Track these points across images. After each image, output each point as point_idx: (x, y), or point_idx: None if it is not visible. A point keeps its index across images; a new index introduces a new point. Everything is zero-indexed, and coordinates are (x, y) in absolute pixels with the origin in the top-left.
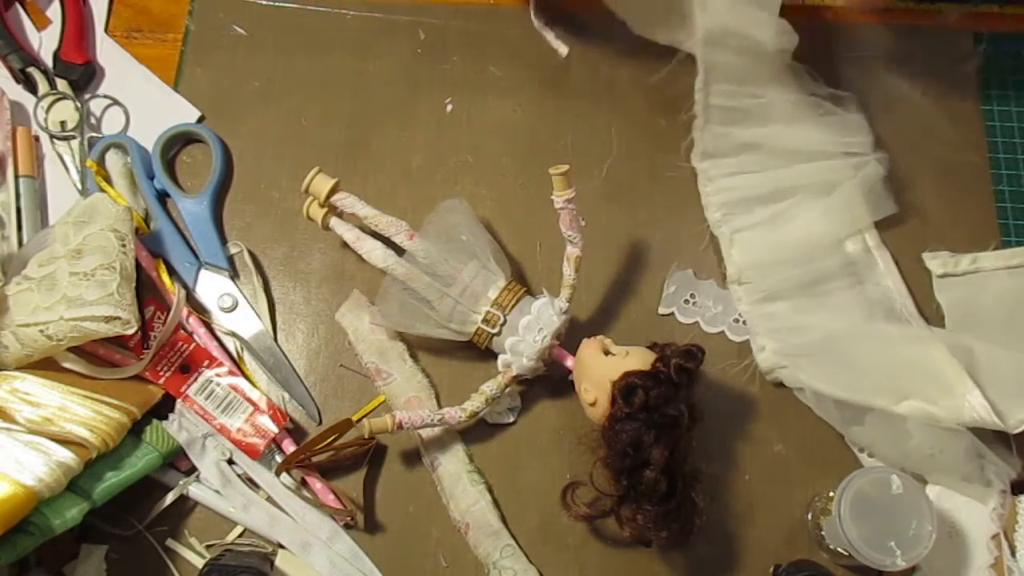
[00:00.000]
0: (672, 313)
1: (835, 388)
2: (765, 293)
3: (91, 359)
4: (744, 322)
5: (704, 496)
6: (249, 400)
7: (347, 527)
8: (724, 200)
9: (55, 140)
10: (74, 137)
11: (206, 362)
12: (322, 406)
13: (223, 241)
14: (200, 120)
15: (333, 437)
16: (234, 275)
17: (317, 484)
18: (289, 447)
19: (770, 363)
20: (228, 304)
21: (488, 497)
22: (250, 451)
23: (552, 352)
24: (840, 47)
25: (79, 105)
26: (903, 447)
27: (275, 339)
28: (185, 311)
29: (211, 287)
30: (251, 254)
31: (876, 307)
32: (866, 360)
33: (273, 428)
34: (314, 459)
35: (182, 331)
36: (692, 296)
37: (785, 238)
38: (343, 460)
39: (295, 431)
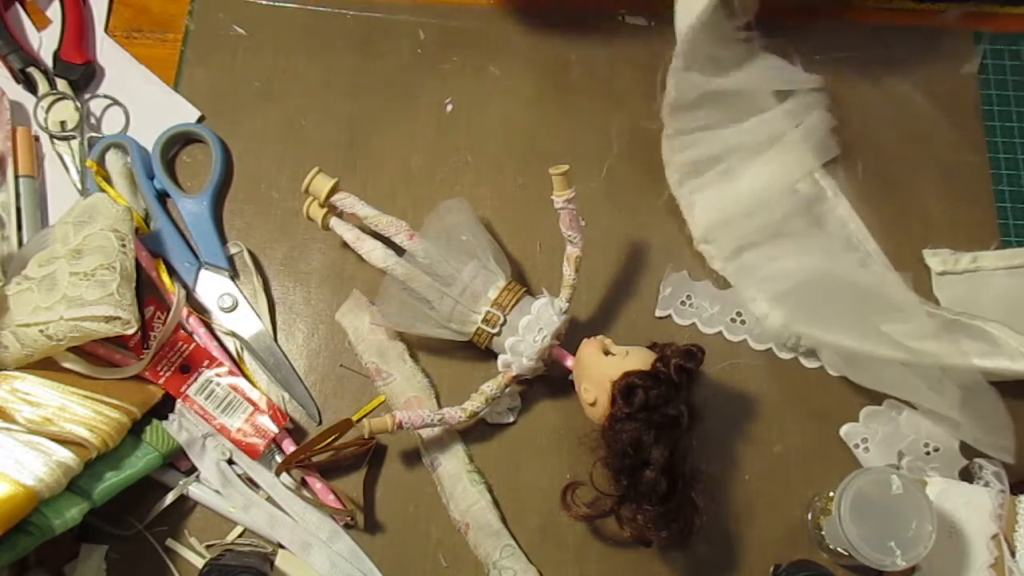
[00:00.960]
0: (669, 315)
1: (834, 334)
2: (733, 246)
3: (91, 359)
4: (743, 320)
5: (704, 496)
6: (249, 400)
7: (347, 527)
8: (683, 161)
9: (55, 140)
10: (74, 137)
11: (206, 362)
12: (322, 406)
13: (223, 241)
14: (200, 120)
15: (333, 437)
16: (234, 275)
17: (317, 484)
18: (289, 447)
19: (763, 310)
20: (228, 304)
21: (488, 497)
22: (250, 451)
23: (552, 352)
24: (840, 47)
25: (79, 105)
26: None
27: (275, 339)
28: (185, 311)
29: (211, 287)
30: (251, 254)
31: (836, 242)
32: (849, 299)
33: (273, 428)
34: (314, 459)
35: (182, 331)
36: (688, 297)
37: (739, 191)
38: (343, 460)
39: (295, 431)
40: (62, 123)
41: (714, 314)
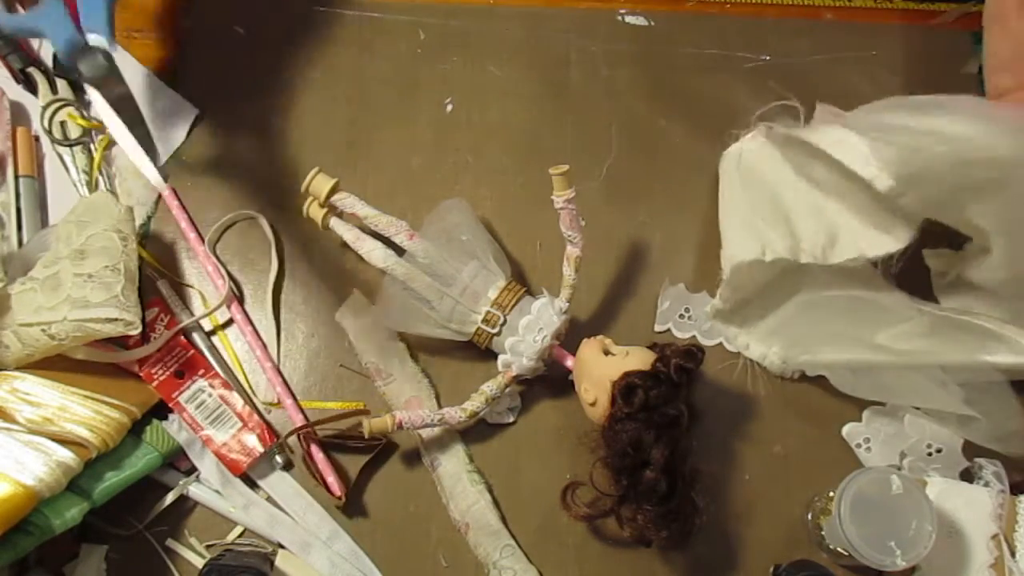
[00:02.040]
0: (668, 329)
1: (834, 353)
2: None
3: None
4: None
5: (704, 496)
6: (239, 416)
7: (337, 507)
8: None
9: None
10: (79, 143)
11: (201, 371)
12: None
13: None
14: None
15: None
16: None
17: (319, 455)
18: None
19: (759, 352)
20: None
21: (488, 497)
22: (233, 467)
23: (552, 352)
24: (840, 48)
25: (84, 113)
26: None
27: (277, 340)
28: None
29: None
30: (272, 228)
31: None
32: (841, 312)
33: (259, 447)
34: (321, 434)
35: (182, 338)
36: (687, 310)
37: None
38: (353, 441)
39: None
40: (62, 124)
41: (713, 326)
